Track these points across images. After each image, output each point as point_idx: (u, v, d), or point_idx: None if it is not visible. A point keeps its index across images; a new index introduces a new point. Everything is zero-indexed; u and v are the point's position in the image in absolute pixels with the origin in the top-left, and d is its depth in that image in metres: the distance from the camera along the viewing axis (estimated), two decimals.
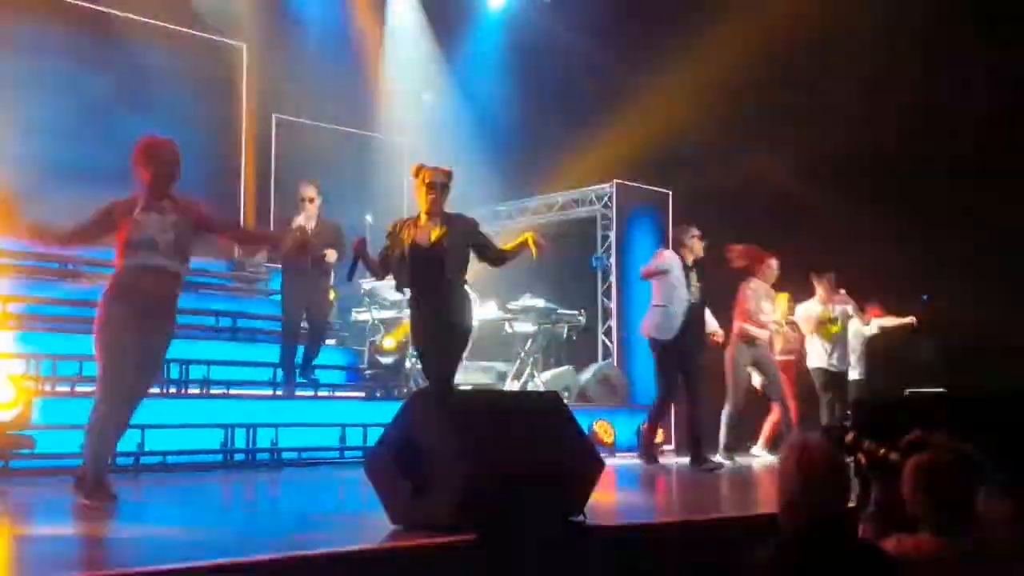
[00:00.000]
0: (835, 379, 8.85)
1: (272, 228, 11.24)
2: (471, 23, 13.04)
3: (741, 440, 8.74)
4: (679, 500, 5.49)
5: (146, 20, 10.49)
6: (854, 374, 9.22)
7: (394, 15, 12.95)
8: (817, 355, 8.88)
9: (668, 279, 7.79)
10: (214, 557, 3.02)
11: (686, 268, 7.82)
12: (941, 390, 7.69)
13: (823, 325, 8.77)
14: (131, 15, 10.37)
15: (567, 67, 11.72)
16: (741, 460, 8.23)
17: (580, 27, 11.62)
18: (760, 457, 8.89)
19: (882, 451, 3.34)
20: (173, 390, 7.98)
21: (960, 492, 3.08)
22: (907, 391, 7.95)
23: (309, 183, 8.34)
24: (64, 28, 10.04)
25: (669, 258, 7.89)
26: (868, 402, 4.55)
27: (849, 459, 3.11)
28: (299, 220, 8.16)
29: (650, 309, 7.94)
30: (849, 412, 8.17)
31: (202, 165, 10.92)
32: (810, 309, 8.89)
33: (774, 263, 8.52)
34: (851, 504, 3.48)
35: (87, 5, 10.12)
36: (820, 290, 8.89)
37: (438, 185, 5.79)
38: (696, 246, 7.87)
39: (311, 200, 8.23)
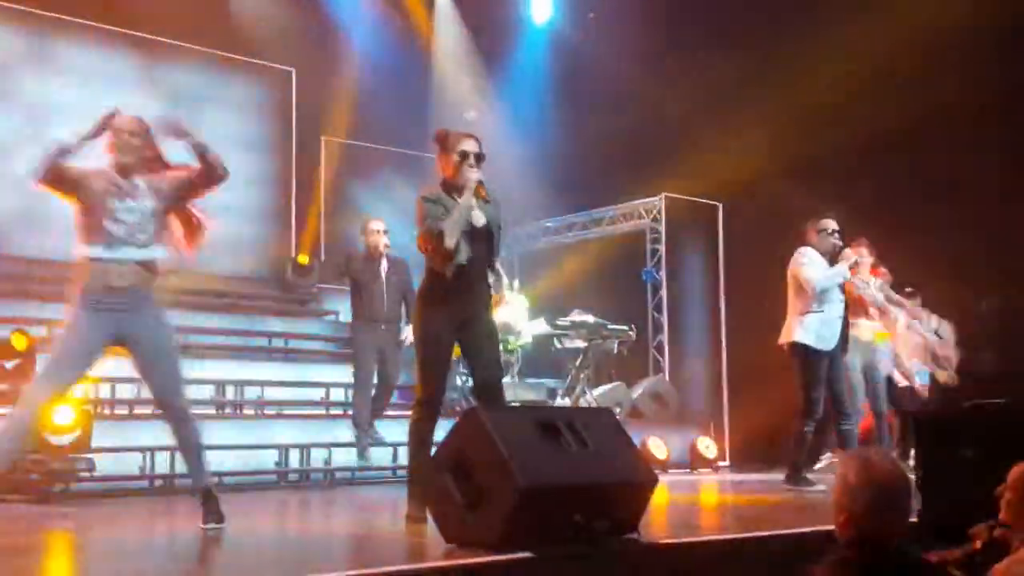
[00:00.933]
0: None
1: (324, 252, 11.38)
2: (517, 37, 13.07)
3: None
4: (733, 516, 5.41)
5: (195, 47, 10.70)
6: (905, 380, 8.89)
7: (440, 34, 13.04)
8: None
9: None
10: None
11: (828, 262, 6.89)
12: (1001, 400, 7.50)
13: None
14: (180, 42, 10.58)
15: (612, 80, 11.70)
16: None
17: (624, 41, 11.60)
18: None
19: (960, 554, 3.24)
20: (228, 411, 8.09)
21: None
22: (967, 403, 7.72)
23: (377, 219, 8.05)
24: (115, 56, 10.29)
25: (814, 256, 6.89)
26: (928, 419, 4.39)
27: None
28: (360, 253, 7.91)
29: (800, 316, 6.78)
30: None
31: (252, 188, 11.14)
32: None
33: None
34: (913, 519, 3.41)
35: (138, 34, 10.35)
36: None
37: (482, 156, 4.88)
38: (827, 240, 6.90)
39: (382, 232, 7.85)
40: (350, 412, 8.09)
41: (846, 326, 6.87)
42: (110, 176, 4.35)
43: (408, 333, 7.16)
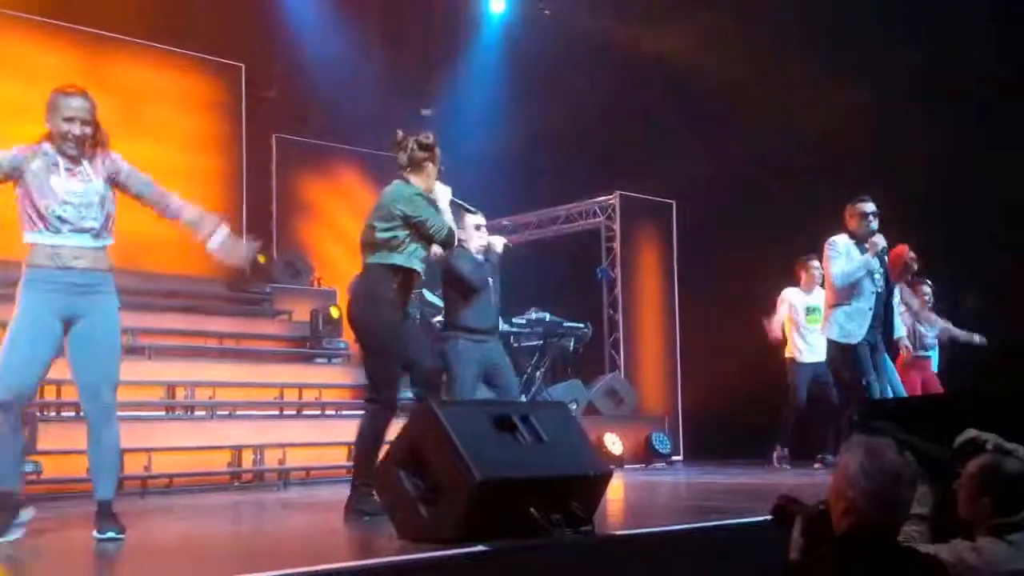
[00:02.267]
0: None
1: (275, 252, 11.26)
2: (473, 30, 13.04)
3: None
4: (685, 508, 5.45)
5: (143, 42, 10.54)
6: None
7: (391, 29, 12.97)
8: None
9: None
10: (223, 574, 2.99)
11: (863, 253, 6.55)
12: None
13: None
14: (128, 37, 10.42)
15: (568, 75, 11.72)
16: None
17: (578, 37, 11.64)
18: None
19: (933, 451, 3.27)
20: (180, 412, 7.98)
21: (1022, 496, 3.01)
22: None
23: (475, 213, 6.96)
24: (60, 52, 10.10)
25: (843, 246, 6.57)
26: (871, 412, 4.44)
27: None
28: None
29: (829, 309, 6.66)
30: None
31: (202, 187, 10.99)
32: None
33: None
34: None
35: (84, 29, 10.17)
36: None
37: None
38: (863, 224, 6.55)
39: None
40: (302, 412, 8.05)
41: (890, 319, 6.68)
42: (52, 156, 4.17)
43: None
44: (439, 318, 9.84)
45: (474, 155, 11.70)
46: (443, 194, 5.23)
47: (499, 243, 6.46)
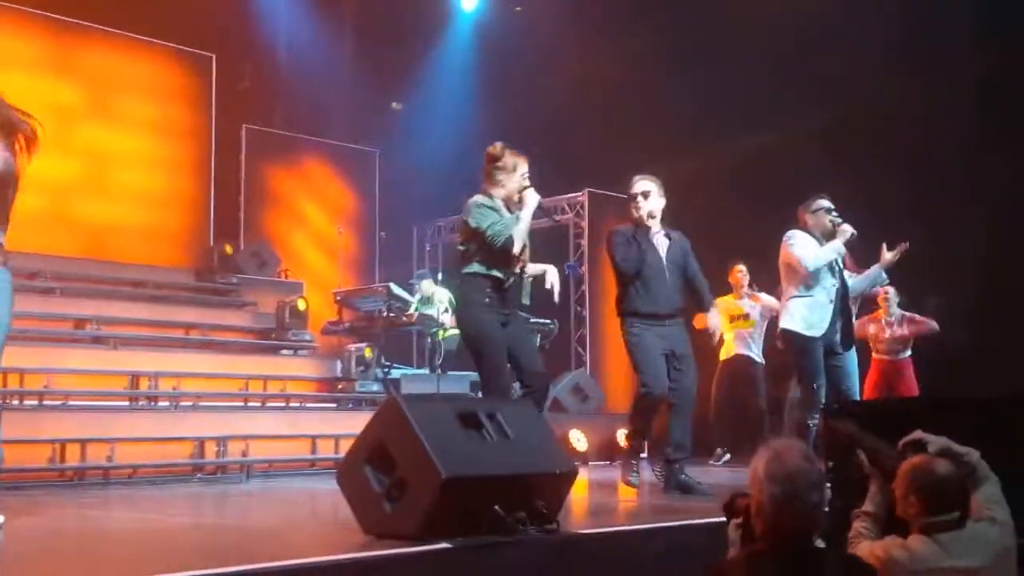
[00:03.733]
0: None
1: (243, 242, 11.20)
2: (445, 25, 13.03)
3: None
4: (649, 506, 5.50)
5: (114, 30, 10.43)
6: None
7: (355, 21, 12.93)
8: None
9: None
10: (184, 570, 2.98)
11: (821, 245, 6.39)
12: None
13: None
14: (99, 25, 10.31)
15: (538, 72, 11.74)
16: None
17: (548, 35, 11.66)
18: None
19: (883, 450, 3.34)
20: (142, 403, 7.93)
21: (953, 497, 3.07)
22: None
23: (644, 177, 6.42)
24: (29, 39, 9.98)
25: (804, 238, 6.40)
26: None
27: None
28: None
29: (786, 301, 6.47)
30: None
31: (171, 176, 10.91)
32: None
33: None
34: (826, 509, 3.50)
35: (54, 16, 10.05)
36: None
37: None
38: (823, 219, 6.38)
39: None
40: (267, 404, 8.02)
41: (848, 318, 6.44)
42: None
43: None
44: (409, 312, 9.87)
45: (443, 150, 11.70)
46: (530, 200, 5.29)
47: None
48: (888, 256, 6.57)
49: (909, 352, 8.56)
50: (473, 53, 12.80)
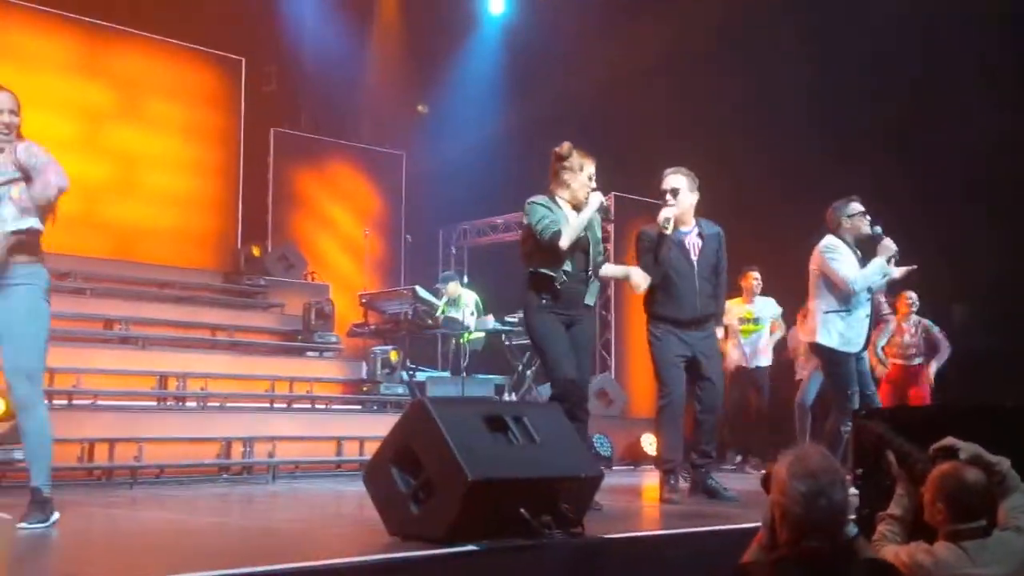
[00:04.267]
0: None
1: (271, 244, 11.25)
2: (472, 28, 13.06)
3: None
4: (675, 511, 5.47)
5: (144, 34, 10.53)
6: None
7: (384, 25, 12.99)
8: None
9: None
10: (212, 568, 3.00)
11: (856, 256, 6.17)
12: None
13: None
14: (130, 29, 10.41)
15: (566, 75, 11.74)
16: None
17: (578, 38, 11.65)
18: None
19: (913, 454, 3.32)
20: (170, 403, 7.99)
21: (981, 505, 3.06)
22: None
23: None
24: (62, 42, 10.09)
25: (842, 249, 6.13)
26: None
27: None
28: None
29: (822, 315, 6.19)
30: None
31: (199, 178, 10.99)
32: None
33: None
34: (852, 516, 3.48)
35: (86, 19, 10.16)
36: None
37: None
38: (859, 225, 6.17)
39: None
40: (292, 406, 8.05)
41: (871, 325, 6.31)
42: None
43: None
44: (435, 315, 9.88)
45: (470, 152, 11.72)
46: (593, 201, 5.19)
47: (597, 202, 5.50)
48: (895, 273, 6.38)
49: (921, 359, 8.51)
50: (500, 56, 12.82)
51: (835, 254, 6.11)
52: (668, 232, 5.70)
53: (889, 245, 6.07)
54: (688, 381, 5.75)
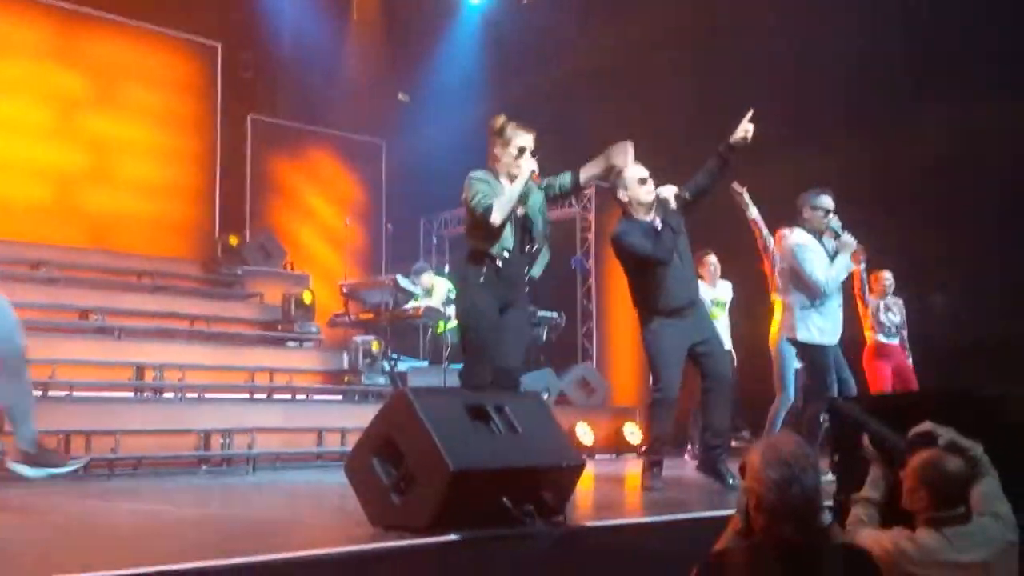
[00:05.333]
0: None
1: (248, 234, 11.18)
2: (452, 17, 13.00)
3: None
4: (655, 499, 5.48)
5: (119, 19, 10.40)
6: None
7: (363, 12, 12.90)
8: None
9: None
10: (193, 560, 2.96)
11: (825, 249, 6.22)
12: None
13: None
14: (105, 13, 10.28)
15: (546, 64, 11.70)
16: None
17: (557, 26, 11.62)
18: None
19: (889, 438, 3.34)
20: (147, 394, 7.92)
21: (960, 492, 3.09)
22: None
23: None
24: (35, 27, 9.95)
25: (811, 244, 6.19)
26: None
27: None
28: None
29: (799, 311, 6.24)
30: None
31: (175, 166, 10.89)
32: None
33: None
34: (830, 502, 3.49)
35: (60, 4, 10.02)
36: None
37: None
38: (818, 220, 6.22)
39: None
40: (272, 396, 8.00)
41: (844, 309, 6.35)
42: None
43: None
44: (412, 304, 9.83)
45: (450, 141, 11.65)
46: (525, 168, 4.98)
47: (670, 194, 5.58)
48: (853, 267, 6.52)
49: (897, 337, 8.51)
50: (480, 44, 12.76)
51: (807, 253, 6.17)
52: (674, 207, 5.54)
53: (849, 241, 6.14)
54: (692, 364, 5.66)
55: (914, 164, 8.92)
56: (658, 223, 5.57)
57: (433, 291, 10.16)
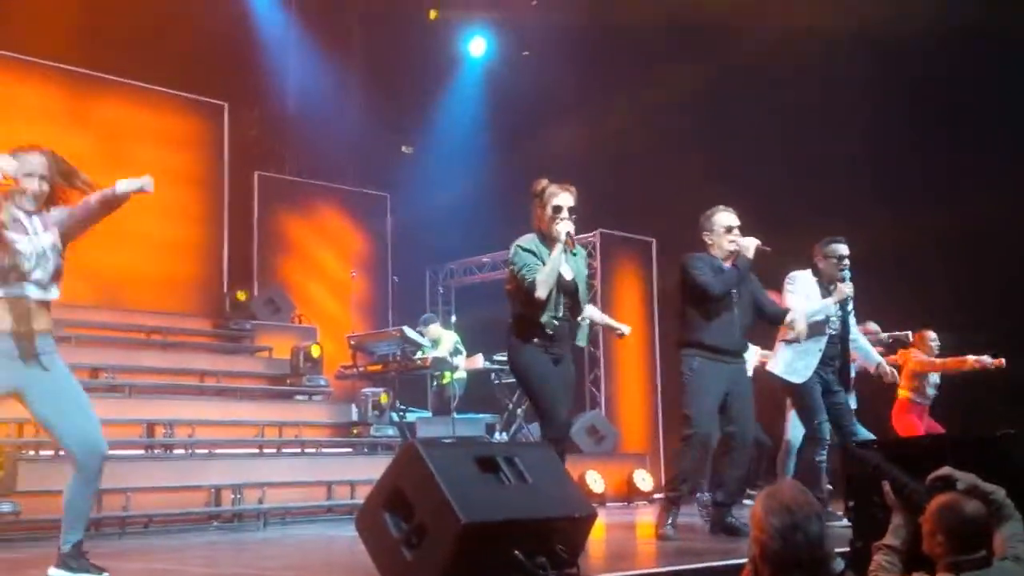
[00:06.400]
0: None
1: (256, 289, 11.23)
2: (454, 71, 13.17)
3: None
4: (669, 547, 5.44)
5: (126, 81, 10.54)
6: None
7: (366, 68, 13.07)
8: None
9: None
10: None
11: (824, 291, 6.23)
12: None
13: None
14: (112, 76, 10.42)
15: (549, 113, 11.83)
16: None
17: (558, 79, 11.76)
18: None
19: (909, 484, 3.33)
20: (158, 451, 7.91)
21: (981, 536, 3.07)
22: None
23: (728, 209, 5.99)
24: (44, 91, 10.09)
25: (804, 283, 6.29)
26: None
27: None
28: None
29: (778, 343, 6.43)
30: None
31: (184, 224, 10.97)
32: None
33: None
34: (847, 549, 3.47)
35: (67, 67, 10.17)
36: None
37: (574, 209, 5.10)
38: (828, 268, 6.27)
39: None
40: (282, 451, 7.97)
41: (846, 361, 6.33)
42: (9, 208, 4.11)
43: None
44: (419, 355, 9.85)
45: (454, 193, 11.76)
46: (561, 230, 5.00)
47: (751, 245, 5.64)
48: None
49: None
50: (482, 97, 12.92)
51: (793, 285, 6.26)
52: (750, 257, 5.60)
53: (844, 290, 6.17)
54: (720, 414, 5.61)
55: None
56: (727, 265, 5.63)
57: (440, 342, 10.18)
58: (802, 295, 6.20)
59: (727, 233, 5.62)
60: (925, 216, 9.06)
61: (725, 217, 5.68)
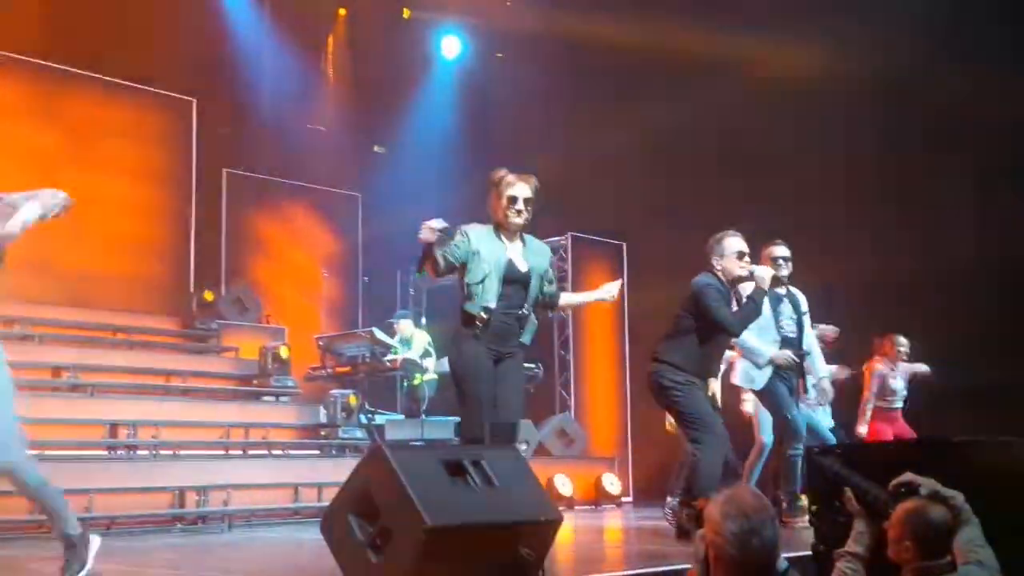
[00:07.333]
0: None
1: (224, 288, 11.12)
2: (427, 72, 13.14)
3: None
4: (635, 551, 5.44)
5: (95, 75, 10.41)
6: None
7: (338, 67, 13.02)
8: None
9: None
10: None
11: (774, 297, 6.18)
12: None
13: None
14: (79, 70, 10.29)
15: (520, 115, 11.83)
16: None
17: (529, 81, 11.77)
18: None
19: (871, 491, 3.35)
20: (121, 452, 7.81)
21: (946, 541, 3.09)
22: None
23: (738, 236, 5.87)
24: (11, 86, 9.95)
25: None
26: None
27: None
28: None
29: (736, 360, 6.50)
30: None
31: (151, 221, 10.85)
32: None
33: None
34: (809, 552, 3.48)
35: (35, 61, 10.03)
36: None
37: (531, 200, 4.94)
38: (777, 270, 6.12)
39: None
40: (248, 452, 7.89)
41: (801, 373, 6.34)
42: None
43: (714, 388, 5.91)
44: (389, 356, 9.80)
45: (426, 193, 11.70)
46: (765, 275, 5.17)
47: (767, 276, 5.56)
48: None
49: (902, 403, 8.55)
50: (455, 97, 12.89)
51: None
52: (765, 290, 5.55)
53: (761, 273, 6.01)
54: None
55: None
56: (732, 296, 5.60)
57: (412, 341, 10.13)
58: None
59: (739, 259, 5.56)
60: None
61: (736, 243, 5.62)
